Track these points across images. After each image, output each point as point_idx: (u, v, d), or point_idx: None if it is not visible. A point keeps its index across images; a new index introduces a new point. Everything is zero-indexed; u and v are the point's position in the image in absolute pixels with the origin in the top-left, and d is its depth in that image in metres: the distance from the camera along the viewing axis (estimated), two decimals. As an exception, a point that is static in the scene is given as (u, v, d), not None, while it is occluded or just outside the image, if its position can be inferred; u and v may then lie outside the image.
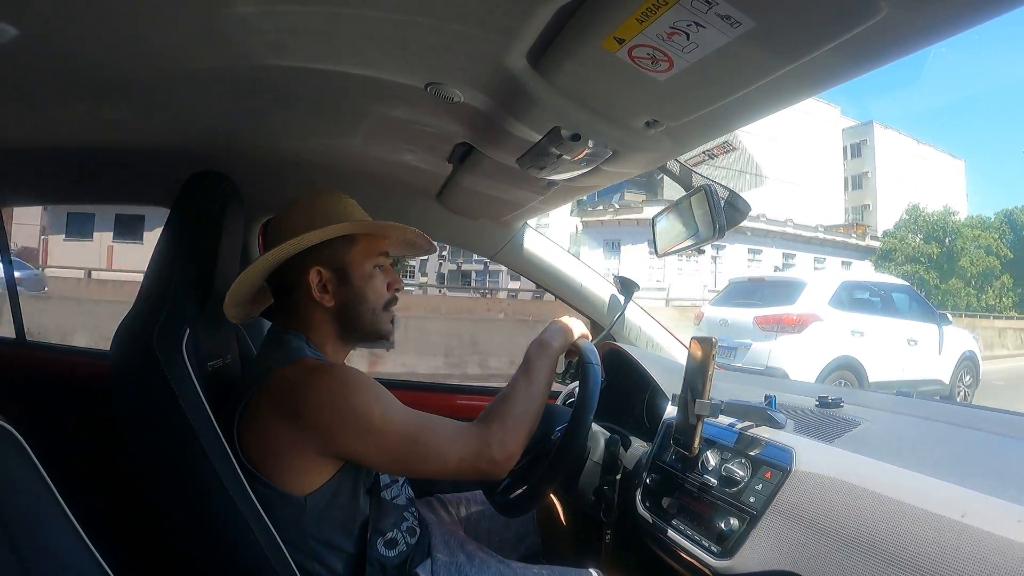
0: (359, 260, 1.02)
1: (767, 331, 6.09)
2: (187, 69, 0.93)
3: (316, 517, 0.94)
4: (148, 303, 1.01)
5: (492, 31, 0.77)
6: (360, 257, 1.02)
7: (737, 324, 6.39)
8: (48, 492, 0.65)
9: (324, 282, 1.00)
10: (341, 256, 1.01)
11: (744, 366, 5.87)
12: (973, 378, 7.32)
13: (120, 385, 0.98)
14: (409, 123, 1.14)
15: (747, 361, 6.03)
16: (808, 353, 5.92)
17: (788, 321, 6.02)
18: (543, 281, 1.75)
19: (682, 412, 1.07)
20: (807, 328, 5.98)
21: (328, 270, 1.00)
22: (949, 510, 0.68)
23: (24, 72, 0.91)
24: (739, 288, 7.10)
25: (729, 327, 6.45)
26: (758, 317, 6.19)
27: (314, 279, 0.99)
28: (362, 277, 1.02)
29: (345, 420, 0.90)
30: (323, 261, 1.00)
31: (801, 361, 5.84)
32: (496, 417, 0.99)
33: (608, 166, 1.11)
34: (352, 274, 1.02)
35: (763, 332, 6.11)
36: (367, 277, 1.03)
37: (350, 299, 1.02)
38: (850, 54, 0.68)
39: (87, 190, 1.73)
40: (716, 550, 0.91)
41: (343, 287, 1.01)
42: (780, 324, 6.04)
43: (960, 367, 7.06)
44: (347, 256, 1.01)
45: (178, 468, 0.92)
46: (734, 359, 6.15)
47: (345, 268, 1.01)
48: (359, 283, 1.02)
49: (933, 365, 6.72)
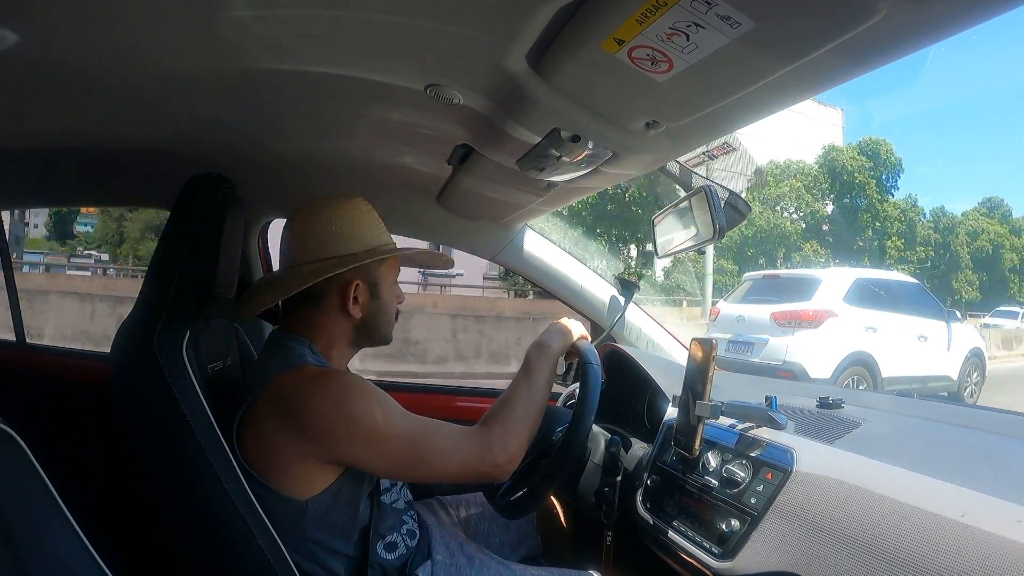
0: (387, 275, 1.06)
1: (784, 327, 6.19)
2: (187, 72, 0.93)
3: (317, 520, 0.94)
4: (148, 305, 1.01)
5: (492, 33, 0.77)
6: (388, 272, 1.06)
7: (753, 320, 6.51)
8: (48, 494, 0.66)
9: (356, 294, 1.01)
10: (374, 270, 1.03)
11: (761, 361, 6.08)
12: (980, 375, 7.46)
13: (120, 387, 0.98)
14: (409, 125, 1.14)
15: (764, 356, 6.17)
16: (824, 348, 6.03)
17: (805, 317, 6.11)
18: (543, 282, 1.75)
19: (683, 413, 1.07)
20: (823, 324, 6.08)
21: (364, 283, 1.02)
22: (949, 511, 0.68)
23: (23, 74, 0.91)
24: (755, 285, 7.20)
25: (746, 323, 6.59)
26: (775, 313, 6.27)
27: (351, 292, 1.00)
28: (388, 291, 1.06)
29: (347, 428, 0.90)
30: (363, 275, 1.02)
31: (818, 356, 5.97)
32: (497, 421, 0.99)
33: (608, 167, 1.11)
34: (382, 288, 1.05)
35: (780, 328, 6.21)
36: (391, 291, 1.07)
37: (376, 311, 1.04)
38: (850, 54, 0.67)
39: (87, 192, 1.74)
40: (717, 551, 0.91)
41: (373, 300, 1.04)
42: (797, 320, 6.13)
43: (968, 364, 7.20)
44: (379, 271, 1.04)
45: (178, 470, 0.92)
46: (751, 354, 6.29)
47: (377, 283, 1.04)
48: (386, 296, 1.06)
49: (942, 361, 6.85)
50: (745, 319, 6.64)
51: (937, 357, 6.78)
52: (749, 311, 6.68)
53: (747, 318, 6.63)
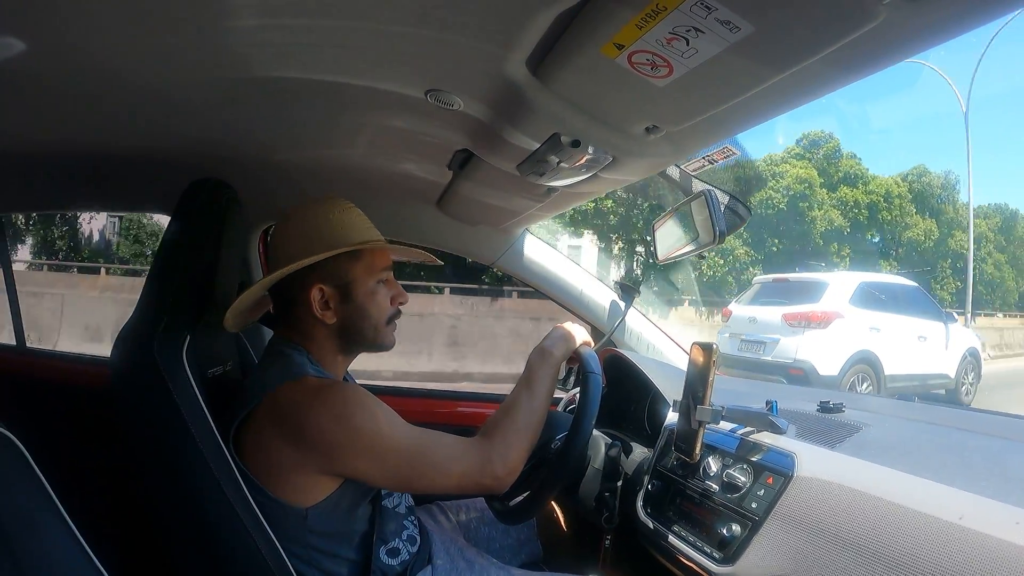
0: (362, 276, 1.00)
1: (794, 327, 6.63)
2: (188, 78, 0.94)
3: (318, 527, 0.94)
4: (148, 310, 1.01)
5: (491, 39, 0.77)
6: (363, 273, 1.00)
7: (765, 321, 6.97)
8: (47, 498, 0.65)
9: (326, 299, 0.98)
10: (344, 272, 0.99)
11: (773, 359, 6.59)
12: (976, 374, 7.88)
13: (120, 392, 0.98)
14: (409, 131, 1.14)
15: (775, 355, 6.63)
16: (832, 347, 6.49)
17: (814, 318, 6.57)
18: (543, 287, 1.75)
19: (683, 418, 1.06)
20: (831, 324, 6.53)
21: (330, 287, 0.98)
22: (949, 514, 0.68)
23: (26, 79, 0.91)
24: (765, 288, 7.65)
25: (757, 324, 7.06)
26: (786, 314, 6.71)
27: (316, 296, 0.97)
28: (365, 294, 1.00)
29: (347, 441, 0.90)
30: (325, 278, 0.98)
31: (826, 354, 6.43)
32: (498, 432, 0.99)
33: (608, 172, 1.11)
34: (355, 291, 0.99)
35: (790, 328, 6.65)
36: (370, 293, 1.01)
37: (352, 316, 1.00)
38: (849, 58, 0.68)
39: (88, 197, 1.74)
40: (718, 556, 0.91)
41: (345, 304, 0.99)
42: (807, 320, 6.58)
43: (964, 363, 7.64)
44: (350, 272, 0.99)
45: (177, 474, 0.92)
46: (763, 353, 6.76)
47: (348, 284, 0.99)
48: (362, 300, 1.00)
49: (941, 360, 7.33)
50: (757, 320, 7.08)
51: (936, 356, 7.24)
52: (760, 312, 7.12)
53: (759, 319, 7.06)
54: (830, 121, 30.86)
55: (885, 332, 6.73)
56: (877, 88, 30.62)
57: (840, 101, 27.44)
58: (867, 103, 32.12)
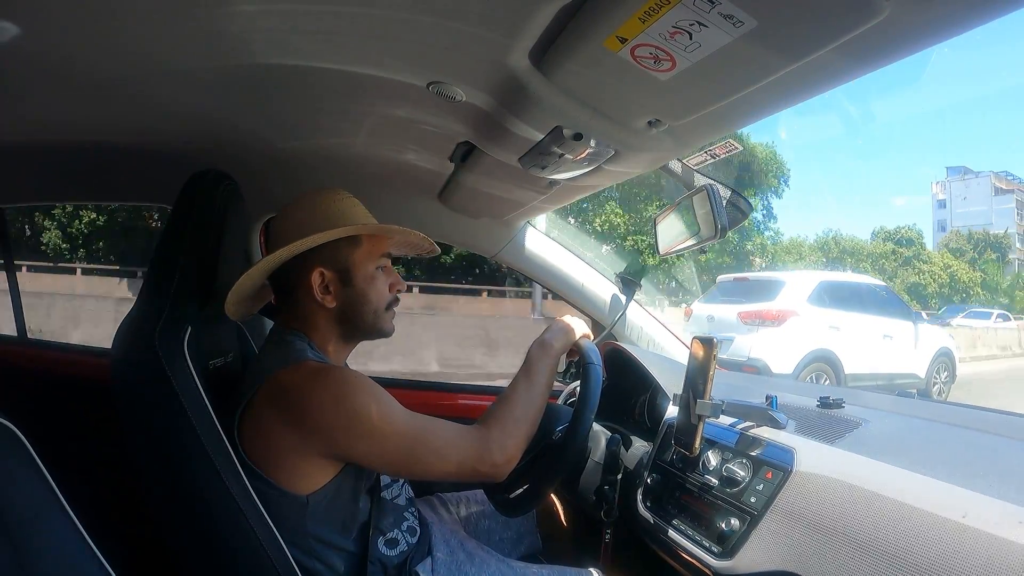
0: (362, 261, 1.01)
1: (749, 325, 6.64)
2: (189, 67, 0.93)
3: (317, 516, 0.94)
4: (150, 301, 1.01)
5: (494, 30, 0.77)
6: (363, 259, 1.02)
7: (722, 320, 6.92)
8: (48, 490, 0.66)
9: (327, 283, 0.99)
10: (344, 257, 1.00)
11: (728, 357, 6.40)
12: (950, 373, 7.89)
13: (122, 383, 0.98)
14: (411, 122, 1.14)
15: (731, 353, 6.50)
16: (786, 345, 6.47)
17: (768, 316, 6.56)
18: (544, 280, 1.75)
19: (683, 412, 1.07)
20: (785, 322, 6.52)
21: (331, 271, 1.00)
22: (950, 511, 0.68)
23: (26, 70, 0.91)
24: (725, 286, 7.62)
25: (715, 322, 6.99)
26: (741, 312, 6.71)
27: (316, 280, 0.99)
28: (365, 278, 1.02)
29: (347, 424, 0.90)
30: (326, 262, 0.99)
31: (780, 353, 6.41)
32: (496, 420, 0.99)
33: (610, 165, 1.10)
34: (355, 275, 1.01)
35: (746, 326, 6.65)
36: (370, 278, 1.02)
37: (352, 300, 1.01)
38: (852, 54, 0.67)
39: (89, 188, 1.74)
40: (717, 550, 0.91)
41: (345, 288, 1.01)
42: (761, 318, 6.59)
43: (936, 362, 7.65)
44: (350, 257, 1.00)
45: (179, 465, 0.92)
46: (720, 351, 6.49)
47: (348, 269, 1.00)
48: (362, 284, 1.01)
49: (909, 360, 7.35)
50: (715, 318, 7.05)
51: (903, 356, 7.24)
52: (719, 311, 7.09)
53: (717, 317, 7.04)
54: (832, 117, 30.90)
55: (846, 330, 6.71)
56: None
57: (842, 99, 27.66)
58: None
